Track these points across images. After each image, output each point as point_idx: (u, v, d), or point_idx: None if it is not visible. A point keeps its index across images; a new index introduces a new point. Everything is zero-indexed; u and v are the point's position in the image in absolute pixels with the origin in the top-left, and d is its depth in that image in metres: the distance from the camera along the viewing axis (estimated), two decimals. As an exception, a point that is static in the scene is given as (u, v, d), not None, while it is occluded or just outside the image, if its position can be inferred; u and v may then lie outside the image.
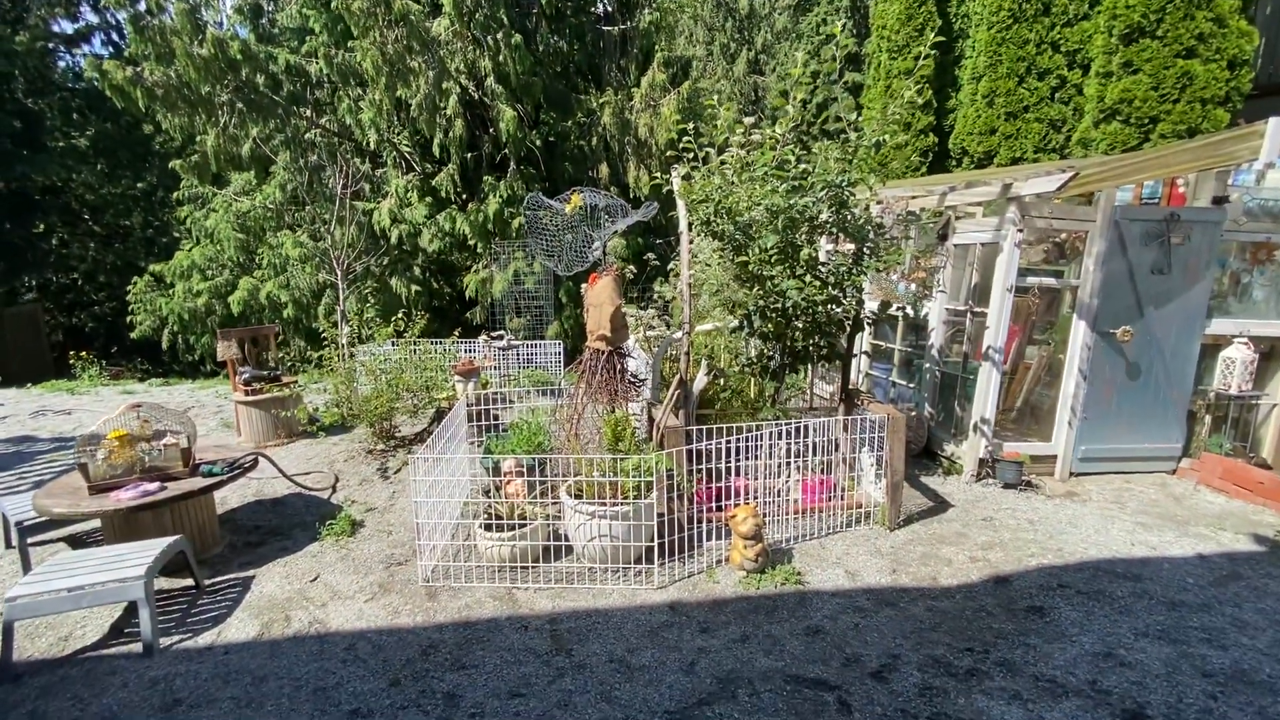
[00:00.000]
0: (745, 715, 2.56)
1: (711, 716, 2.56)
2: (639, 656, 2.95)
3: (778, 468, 4.28)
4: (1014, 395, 5.61)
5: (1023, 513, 4.46)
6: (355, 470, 5.45)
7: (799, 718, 2.55)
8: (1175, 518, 4.39)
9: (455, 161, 11.97)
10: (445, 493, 4.04)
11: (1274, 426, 5.40)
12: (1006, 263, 4.78)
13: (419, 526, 3.63)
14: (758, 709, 2.60)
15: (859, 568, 3.74)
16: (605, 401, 4.16)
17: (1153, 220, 4.87)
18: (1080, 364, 5.04)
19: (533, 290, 11.65)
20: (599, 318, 4.06)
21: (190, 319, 13.18)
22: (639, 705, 2.63)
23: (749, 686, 2.73)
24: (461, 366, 5.76)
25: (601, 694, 2.71)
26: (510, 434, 4.75)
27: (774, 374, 4.41)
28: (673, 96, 11.43)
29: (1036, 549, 3.91)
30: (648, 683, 2.77)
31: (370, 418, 5.62)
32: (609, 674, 2.84)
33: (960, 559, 3.85)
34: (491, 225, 11.97)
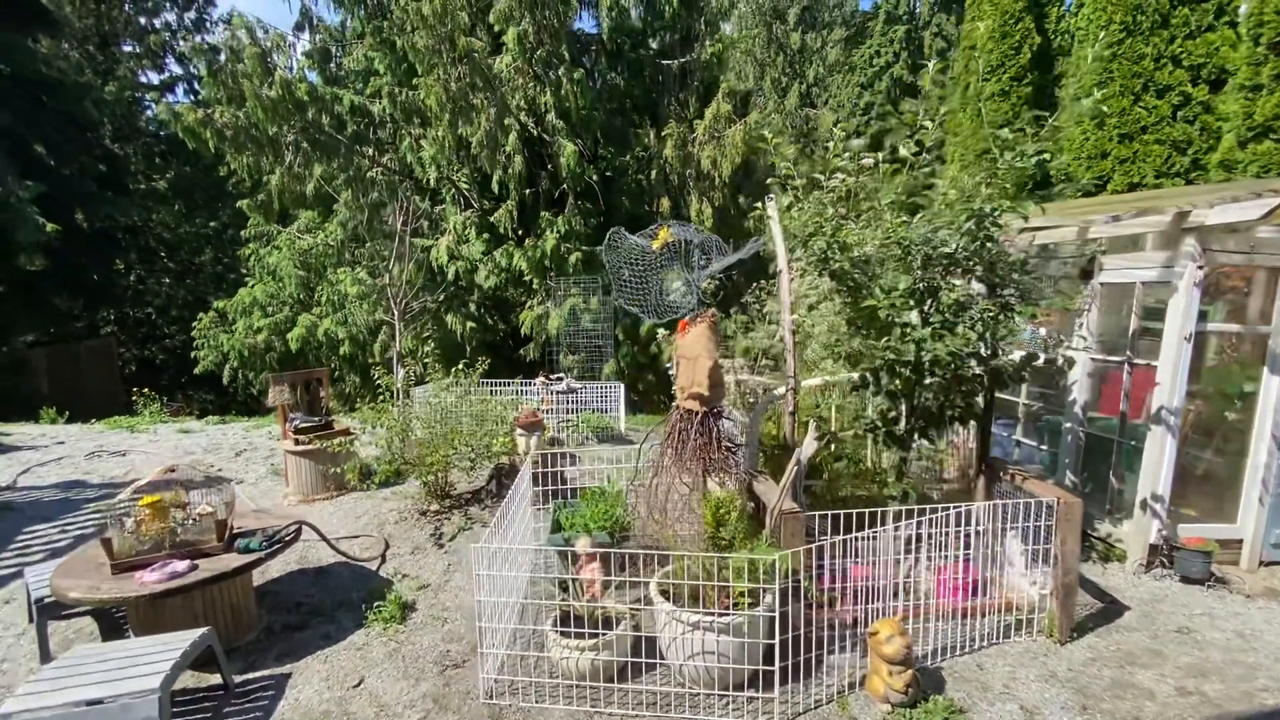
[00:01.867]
0: None
1: None
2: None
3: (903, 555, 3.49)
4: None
5: (1225, 621, 3.52)
6: (407, 534, 4.90)
7: None
8: None
9: (514, 198, 11.73)
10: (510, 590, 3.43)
11: None
12: (1184, 306, 3.94)
13: (481, 631, 2.99)
14: None
15: (1036, 701, 2.90)
16: (698, 472, 3.48)
17: (1368, 253, 3.95)
18: (1274, 428, 4.10)
19: (589, 328, 11.16)
20: (692, 373, 3.42)
21: (250, 355, 13.22)
22: None
23: None
24: (525, 419, 5.21)
25: None
26: (581, 504, 4.11)
27: (900, 440, 3.66)
28: (739, 127, 10.93)
29: (1269, 680, 2.99)
30: None
31: (424, 473, 5.09)
32: None
33: (1164, 691, 2.97)
34: (548, 261, 11.62)
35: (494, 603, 3.08)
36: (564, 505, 4.30)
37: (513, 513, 3.75)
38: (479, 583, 2.94)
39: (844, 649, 3.21)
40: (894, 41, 31.11)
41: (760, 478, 3.62)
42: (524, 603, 3.75)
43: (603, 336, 11.01)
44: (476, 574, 2.91)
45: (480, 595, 2.94)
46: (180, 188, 21.08)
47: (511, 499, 3.73)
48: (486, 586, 3.00)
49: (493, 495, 5.33)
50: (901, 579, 3.44)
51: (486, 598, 2.99)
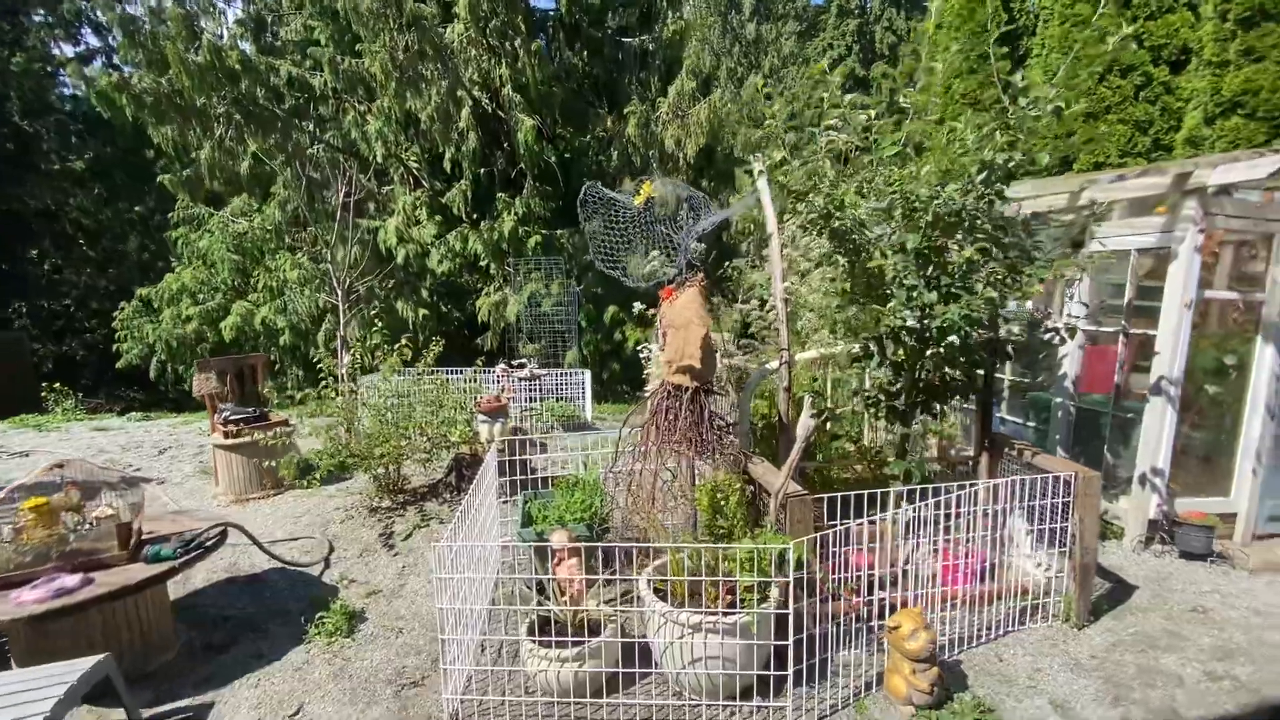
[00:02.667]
0: None
1: None
2: None
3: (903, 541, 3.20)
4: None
5: (1237, 599, 3.38)
6: (354, 535, 4.37)
7: None
8: None
9: (468, 177, 11.11)
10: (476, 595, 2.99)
11: None
12: (1184, 272, 3.78)
13: (444, 643, 2.54)
14: None
15: (1065, 695, 2.65)
16: (689, 455, 3.11)
17: (1360, 218, 3.88)
18: (1267, 400, 4.00)
19: (550, 313, 10.65)
20: (682, 343, 3.03)
21: (179, 346, 12.17)
22: None
23: None
24: (487, 404, 4.73)
25: None
26: (554, 495, 3.69)
27: (902, 415, 3.36)
28: (704, 106, 10.59)
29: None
30: None
31: (374, 466, 4.56)
32: None
33: (1193, 675, 2.76)
34: (506, 245, 11.06)
35: (458, 610, 2.64)
36: (534, 496, 3.86)
37: (477, 506, 3.30)
38: (440, 588, 2.49)
39: (848, 645, 2.90)
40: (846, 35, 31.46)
41: (755, 459, 3.28)
42: (493, 608, 3.31)
43: (565, 323, 10.53)
44: (437, 577, 2.46)
45: (442, 602, 2.49)
46: (100, 169, 19.42)
47: (475, 491, 3.28)
48: (449, 592, 2.55)
49: (452, 489, 4.84)
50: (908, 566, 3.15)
51: (449, 604, 2.54)
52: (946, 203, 3.06)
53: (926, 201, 3.07)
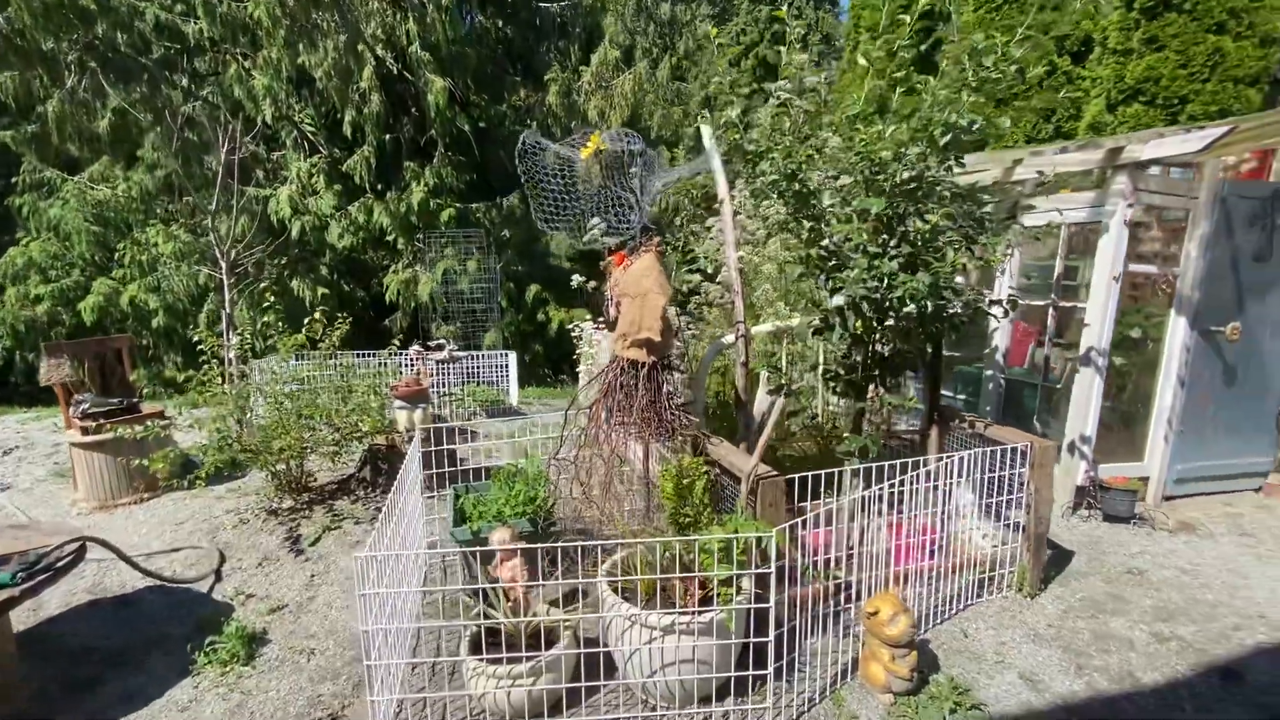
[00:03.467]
0: None
1: None
2: None
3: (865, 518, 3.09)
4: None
5: (1164, 559, 3.53)
6: (251, 542, 3.78)
7: None
8: (1330, 554, 3.60)
9: (371, 143, 10.19)
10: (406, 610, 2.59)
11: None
12: (1114, 246, 3.89)
13: (371, 671, 2.13)
14: None
15: (1032, 667, 2.61)
16: (646, 437, 2.83)
17: (1258, 198, 4.15)
18: (1179, 369, 4.23)
19: (467, 292, 9.98)
20: (638, 314, 2.73)
21: (27, 331, 10.49)
22: None
23: None
24: (405, 388, 4.22)
25: None
26: (491, 487, 3.30)
27: (860, 389, 3.24)
28: (629, 76, 10.22)
29: (1231, 615, 2.96)
30: None
31: (271, 462, 3.96)
32: None
33: (1142, 638, 2.82)
34: (416, 218, 10.27)
35: (387, 630, 2.23)
36: (466, 490, 3.46)
37: (401, 504, 2.87)
38: (365, 606, 2.07)
39: (815, 631, 2.74)
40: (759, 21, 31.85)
41: (713, 440, 3.04)
42: (423, 625, 2.91)
43: (484, 303, 9.92)
44: (361, 594, 2.04)
45: (367, 623, 2.08)
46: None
47: (400, 486, 2.84)
48: (375, 609, 2.14)
49: (366, 484, 4.32)
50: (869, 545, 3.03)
51: (376, 625, 2.13)
52: (909, 167, 2.93)
53: (892, 165, 2.92)
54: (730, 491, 2.88)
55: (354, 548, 3.67)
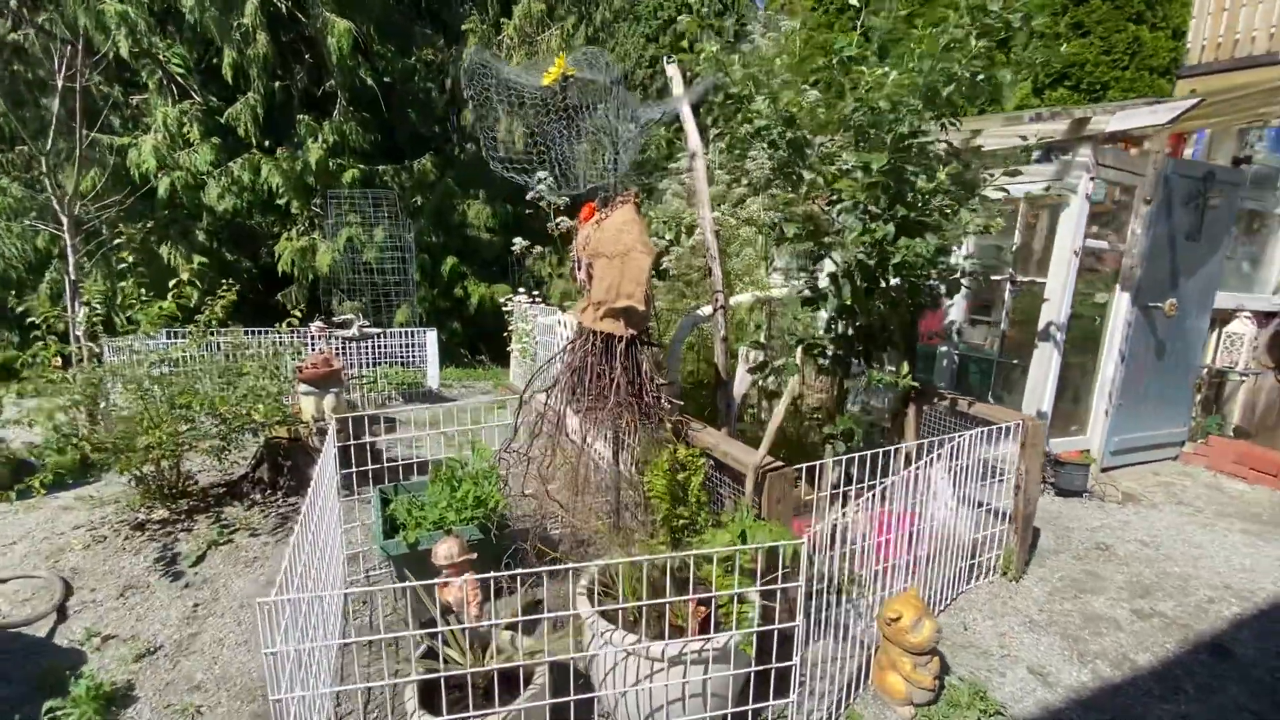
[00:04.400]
0: None
1: None
2: None
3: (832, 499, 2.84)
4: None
5: (1123, 531, 3.55)
6: (108, 566, 3.01)
7: None
8: (1257, 517, 3.77)
9: (258, 91, 8.89)
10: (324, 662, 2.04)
11: (1239, 400, 5.21)
12: (1075, 219, 3.84)
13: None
14: None
15: (1037, 660, 2.46)
16: (625, 425, 2.39)
17: (1194, 178, 4.26)
18: (1121, 344, 4.31)
19: (375, 264, 9.00)
20: (617, 278, 2.27)
21: None
22: None
23: None
24: (313, 369, 3.52)
25: None
26: (429, 487, 2.75)
27: (846, 365, 2.97)
28: (556, 31, 9.50)
29: (1202, 588, 2.96)
30: None
31: (135, 463, 3.18)
32: None
33: (1126, 617, 2.76)
34: (313, 178, 9.13)
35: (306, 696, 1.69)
36: (396, 492, 2.89)
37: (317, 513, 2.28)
38: (275, 667, 1.52)
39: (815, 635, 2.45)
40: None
41: (697, 426, 2.65)
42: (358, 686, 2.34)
43: (394, 276, 8.99)
44: (268, 652, 1.49)
45: (278, 689, 1.53)
46: None
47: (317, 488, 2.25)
48: (292, 667, 1.59)
49: (263, 486, 3.60)
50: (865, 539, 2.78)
51: (299, 691, 1.59)
52: (907, 120, 2.65)
53: (890, 116, 2.62)
54: (716, 486, 2.52)
55: (251, 566, 3.00)
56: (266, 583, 2.88)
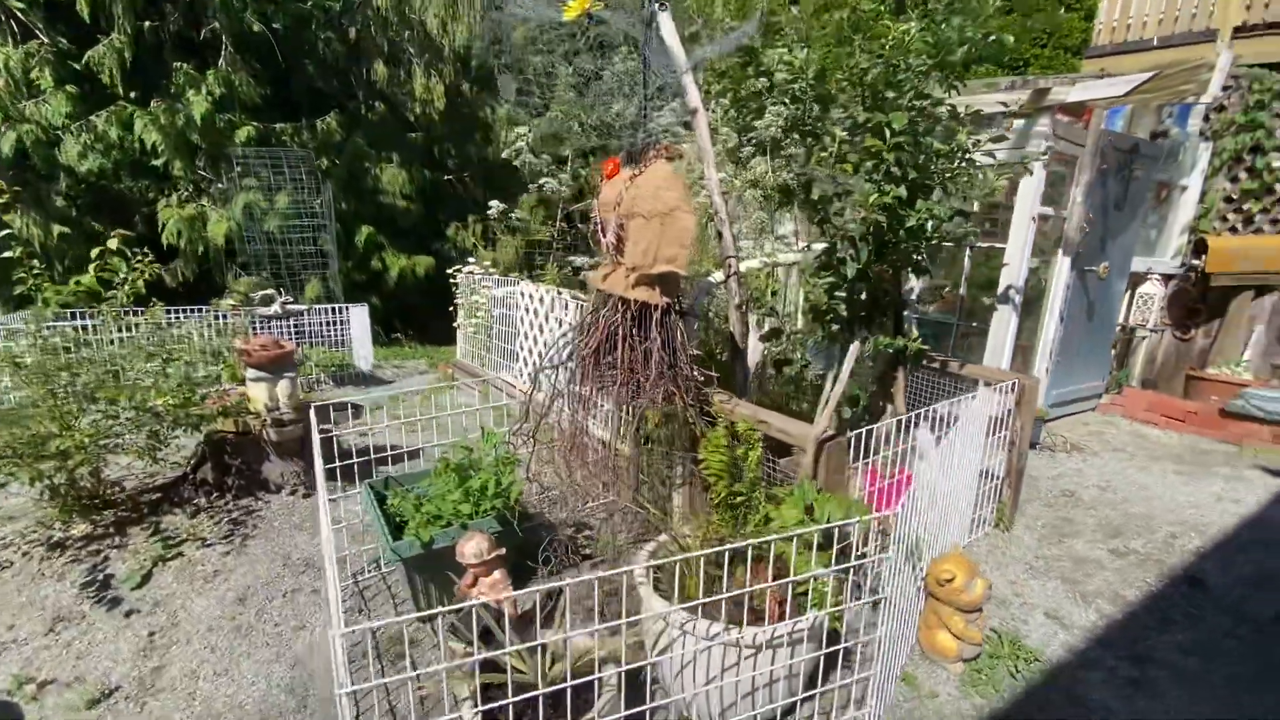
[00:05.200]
0: None
1: None
2: None
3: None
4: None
5: (1079, 478, 3.85)
6: (27, 595, 2.49)
7: None
8: (1181, 459, 4.21)
9: (123, 32, 7.63)
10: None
11: (1141, 355, 5.82)
12: (1035, 186, 4.03)
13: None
14: None
15: (1048, 603, 2.60)
16: (670, 404, 2.23)
17: (1124, 150, 4.60)
18: (1061, 305, 4.63)
19: (279, 234, 8.09)
20: (653, 240, 2.08)
21: None
22: None
23: None
24: (260, 351, 3.05)
25: None
26: (436, 481, 2.46)
27: (853, 329, 2.96)
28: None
29: (1164, 525, 3.25)
30: None
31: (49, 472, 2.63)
32: None
33: (1106, 557, 2.98)
34: (199, 136, 8.03)
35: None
36: (386, 486, 2.57)
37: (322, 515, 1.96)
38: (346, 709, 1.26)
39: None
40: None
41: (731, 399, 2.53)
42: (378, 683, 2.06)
43: (301, 247, 8.13)
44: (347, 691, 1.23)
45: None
46: None
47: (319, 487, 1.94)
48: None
49: (208, 488, 3.11)
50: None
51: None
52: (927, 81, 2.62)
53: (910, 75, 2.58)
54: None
55: (211, 581, 2.59)
56: (237, 600, 2.49)
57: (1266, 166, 5.21)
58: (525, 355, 4.54)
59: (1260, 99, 5.16)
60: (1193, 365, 5.51)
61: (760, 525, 1.93)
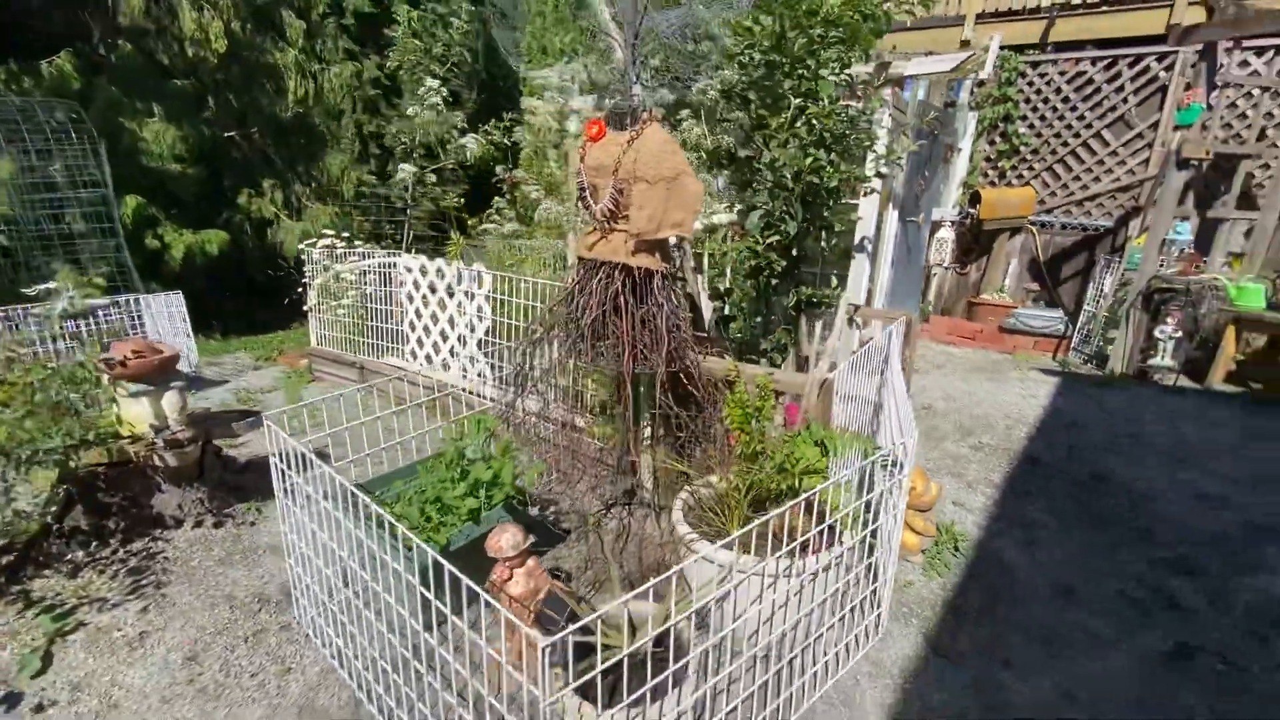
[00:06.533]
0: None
1: None
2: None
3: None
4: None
5: (928, 394, 4.69)
6: None
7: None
8: (984, 369, 5.32)
9: None
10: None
11: (934, 288, 7.13)
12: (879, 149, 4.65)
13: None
14: None
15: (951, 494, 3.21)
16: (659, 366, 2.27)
17: (931, 118, 5.48)
18: (892, 251, 5.46)
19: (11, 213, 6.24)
20: (659, 206, 2.08)
21: None
22: None
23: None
24: (140, 360, 2.42)
25: None
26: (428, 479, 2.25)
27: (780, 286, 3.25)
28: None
29: (999, 422, 4.13)
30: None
31: None
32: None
33: (969, 452, 3.75)
34: None
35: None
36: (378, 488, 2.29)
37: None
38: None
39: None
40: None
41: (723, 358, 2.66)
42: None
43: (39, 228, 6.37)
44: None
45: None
46: None
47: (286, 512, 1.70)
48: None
49: (81, 537, 2.46)
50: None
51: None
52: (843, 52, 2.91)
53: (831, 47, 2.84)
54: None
55: (141, 644, 2.12)
56: (187, 660, 2.08)
57: (1015, 132, 6.58)
58: (420, 336, 4.18)
59: (1009, 76, 6.46)
60: (971, 294, 6.89)
61: (790, 463, 2.12)
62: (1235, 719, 1.92)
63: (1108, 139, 6.26)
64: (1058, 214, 6.66)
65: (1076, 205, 6.54)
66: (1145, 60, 5.95)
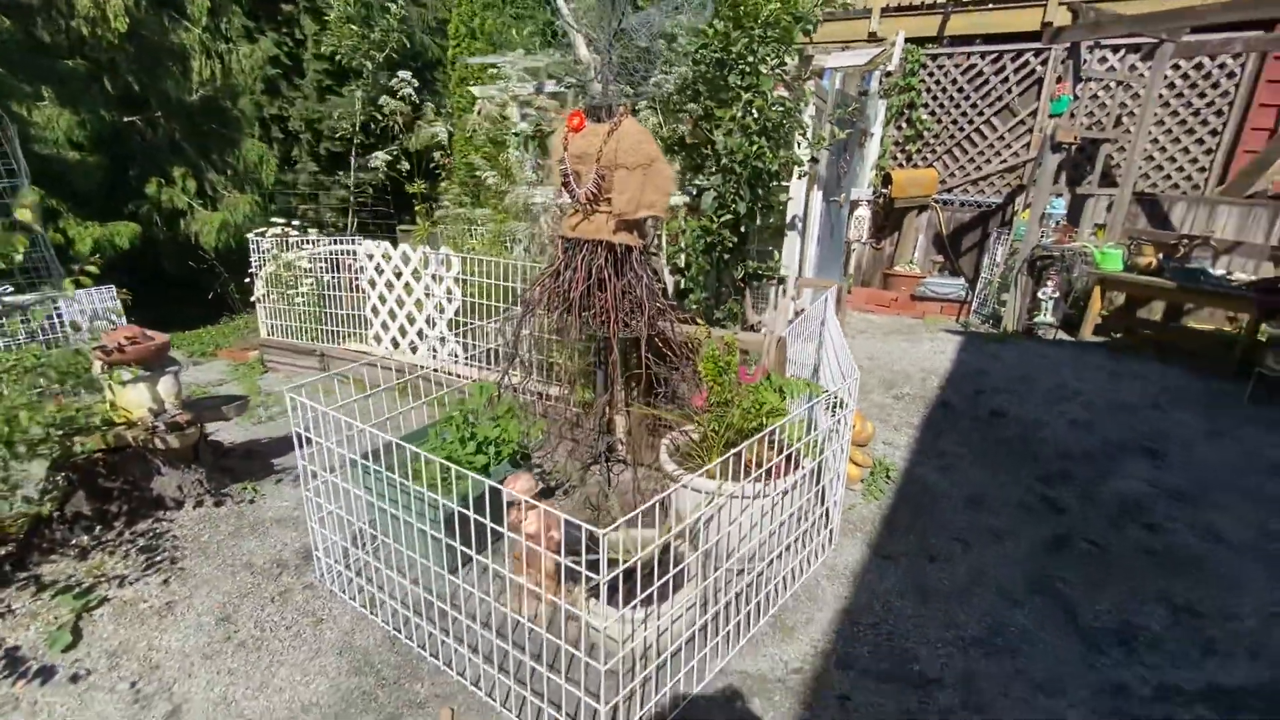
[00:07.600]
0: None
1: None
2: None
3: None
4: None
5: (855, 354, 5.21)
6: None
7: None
8: (900, 332, 5.96)
9: None
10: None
11: (853, 261, 7.79)
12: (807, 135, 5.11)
13: None
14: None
15: (880, 434, 3.72)
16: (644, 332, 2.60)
17: (850, 106, 6.02)
18: (816, 229, 5.99)
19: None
20: (637, 189, 2.38)
21: None
22: None
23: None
24: (135, 345, 2.46)
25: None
26: (432, 440, 2.47)
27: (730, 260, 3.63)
28: None
29: (916, 376, 4.71)
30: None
31: None
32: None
33: (892, 402, 4.30)
34: None
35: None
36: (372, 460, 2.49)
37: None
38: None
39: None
40: None
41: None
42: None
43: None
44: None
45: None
46: None
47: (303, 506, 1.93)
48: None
49: (85, 523, 2.52)
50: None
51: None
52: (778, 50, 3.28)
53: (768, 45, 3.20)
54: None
55: (171, 612, 2.25)
56: (221, 620, 2.23)
57: (918, 119, 7.27)
58: (385, 319, 4.29)
59: (912, 68, 7.11)
60: (886, 267, 7.58)
61: (756, 408, 2.49)
62: (1097, 581, 2.49)
63: (996, 125, 7.05)
64: (957, 192, 7.43)
65: (972, 184, 7.32)
66: (1024, 55, 6.74)
